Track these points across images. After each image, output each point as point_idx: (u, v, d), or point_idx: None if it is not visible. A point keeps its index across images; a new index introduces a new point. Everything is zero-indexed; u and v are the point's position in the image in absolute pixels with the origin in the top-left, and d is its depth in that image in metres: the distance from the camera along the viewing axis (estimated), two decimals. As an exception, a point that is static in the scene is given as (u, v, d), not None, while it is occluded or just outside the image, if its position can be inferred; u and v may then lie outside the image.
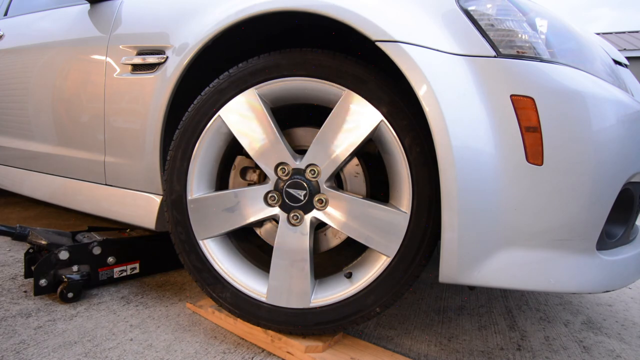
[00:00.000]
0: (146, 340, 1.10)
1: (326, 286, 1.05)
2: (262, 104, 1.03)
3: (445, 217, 0.83)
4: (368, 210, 0.97)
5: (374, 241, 0.96)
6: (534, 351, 1.16)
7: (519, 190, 0.81)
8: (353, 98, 0.95)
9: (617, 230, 0.98)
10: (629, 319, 1.43)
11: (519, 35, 0.85)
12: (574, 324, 1.36)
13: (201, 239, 1.10)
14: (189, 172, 1.10)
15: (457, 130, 0.81)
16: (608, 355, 1.16)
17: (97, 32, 1.41)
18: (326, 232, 1.18)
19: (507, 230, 0.83)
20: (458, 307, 1.45)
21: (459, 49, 0.85)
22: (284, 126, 1.13)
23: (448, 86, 0.82)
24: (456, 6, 0.88)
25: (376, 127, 0.94)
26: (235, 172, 1.22)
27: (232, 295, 1.09)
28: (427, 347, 1.15)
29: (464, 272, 0.84)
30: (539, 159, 0.80)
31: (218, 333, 1.16)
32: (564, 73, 0.83)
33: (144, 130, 1.21)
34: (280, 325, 1.05)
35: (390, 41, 0.86)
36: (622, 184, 0.85)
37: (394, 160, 0.96)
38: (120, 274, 1.48)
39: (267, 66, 1.02)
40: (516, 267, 0.83)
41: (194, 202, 1.10)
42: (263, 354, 1.07)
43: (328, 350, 1.03)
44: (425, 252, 0.93)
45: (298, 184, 1.02)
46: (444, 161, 0.82)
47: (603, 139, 0.81)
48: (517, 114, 0.80)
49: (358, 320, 1.00)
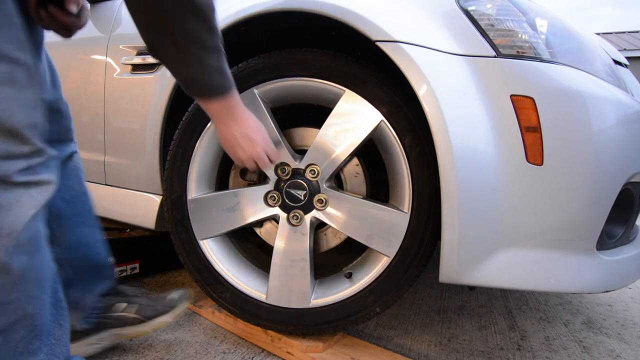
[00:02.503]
0: (146, 340, 1.10)
1: (326, 286, 1.05)
2: (262, 104, 1.03)
3: (446, 217, 0.83)
4: (368, 210, 0.97)
5: (374, 241, 0.96)
6: (534, 351, 1.16)
7: (519, 190, 0.81)
8: (353, 98, 0.95)
9: (617, 230, 0.98)
10: (629, 319, 1.43)
11: (519, 35, 0.85)
12: (574, 324, 1.36)
13: (201, 239, 1.10)
14: (189, 172, 1.10)
15: (457, 130, 0.81)
16: (608, 355, 1.16)
17: (97, 32, 1.41)
18: (326, 232, 1.18)
19: (507, 230, 0.83)
20: (458, 307, 1.45)
21: (459, 49, 0.85)
22: (284, 126, 1.13)
23: (448, 86, 0.82)
24: (456, 6, 0.88)
25: (376, 127, 0.94)
26: (235, 172, 1.22)
27: (232, 295, 1.09)
28: (427, 347, 1.15)
29: (464, 272, 0.84)
30: (539, 159, 0.80)
31: (218, 333, 1.16)
32: (564, 73, 0.83)
33: (143, 130, 1.21)
34: (280, 325, 1.05)
35: (390, 41, 0.86)
36: (622, 184, 0.85)
37: (394, 160, 0.96)
38: (120, 274, 1.47)
39: (267, 66, 1.02)
40: (516, 267, 0.83)
41: (194, 202, 1.10)
42: (263, 354, 1.07)
43: (328, 350, 1.03)
44: (425, 252, 0.93)
45: (298, 184, 1.02)
46: (444, 161, 0.82)
47: (603, 139, 0.81)
48: (517, 114, 0.80)
49: (358, 320, 1.00)
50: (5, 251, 0.61)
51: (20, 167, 0.62)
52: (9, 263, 0.62)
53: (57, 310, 0.75)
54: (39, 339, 0.70)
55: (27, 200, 0.63)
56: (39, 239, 0.68)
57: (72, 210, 0.95)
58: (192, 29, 0.64)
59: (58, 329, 0.75)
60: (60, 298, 0.76)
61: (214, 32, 0.67)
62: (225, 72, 0.73)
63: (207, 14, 0.64)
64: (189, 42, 0.66)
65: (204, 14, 0.64)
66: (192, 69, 0.69)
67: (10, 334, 0.65)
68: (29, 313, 0.67)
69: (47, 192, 0.68)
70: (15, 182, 0.62)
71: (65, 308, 0.77)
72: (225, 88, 0.76)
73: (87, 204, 0.99)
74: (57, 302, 0.75)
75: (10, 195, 0.61)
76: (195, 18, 0.64)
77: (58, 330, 0.75)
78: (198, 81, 0.72)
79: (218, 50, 0.70)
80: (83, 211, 0.98)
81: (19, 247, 0.63)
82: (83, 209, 0.98)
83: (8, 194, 0.61)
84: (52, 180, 0.69)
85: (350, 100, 0.96)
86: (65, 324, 0.77)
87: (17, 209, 0.62)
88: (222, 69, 0.72)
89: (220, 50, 0.71)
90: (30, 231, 0.64)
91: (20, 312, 0.66)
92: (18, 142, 0.62)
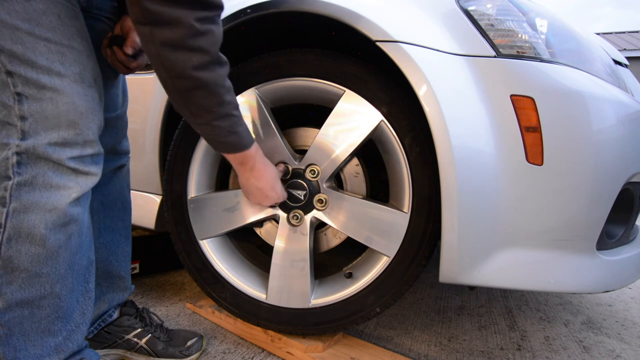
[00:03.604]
0: (146, 340, 1.10)
1: (326, 286, 1.05)
2: (262, 103, 1.03)
3: (445, 217, 0.83)
4: (368, 210, 0.97)
5: (374, 241, 0.96)
6: (534, 351, 1.16)
7: (519, 190, 0.81)
8: (353, 98, 0.95)
9: (617, 230, 0.98)
10: (629, 319, 1.43)
11: (519, 35, 0.85)
12: (574, 324, 1.36)
13: (201, 239, 1.10)
14: (189, 172, 1.10)
15: (457, 130, 0.81)
16: (608, 355, 1.16)
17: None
18: (326, 232, 1.18)
19: (507, 230, 0.83)
20: (458, 307, 1.45)
21: (459, 49, 0.85)
22: (284, 126, 1.13)
23: (448, 86, 0.82)
24: (456, 6, 0.88)
25: (376, 127, 0.94)
26: (235, 172, 1.22)
27: (232, 295, 1.09)
28: (427, 347, 1.15)
29: (464, 272, 0.84)
30: (539, 159, 0.80)
31: (218, 333, 1.16)
32: (564, 73, 0.83)
33: (143, 130, 1.21)
34: (280, 325, 1.05)
35: (390, 41, 0.86)
36: (622, 184, 0.85)
37: (394, 160, 0.96)
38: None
39: (267, 66, 1.02)
40: (516, 267, 0.83)
41: (194, 202, 1.10)
42: (263, 354, 1.07)
43: (328, 350, 1.03)
44: (425, 252, 0.93)
45: (298, 184, 1.02)
46: (444, 161, 0.82)
47: (603, 138, 0.81)
48: (517, 114, 0.80)
49: (358, 320, 1.00)
50: (45, 225, 0.69)
51: (73, 154, 0.71)
52: (46, 236, 0.69)
53: (85, 299, 0.81)
54: (62, 321, 0.75)
55: (74, 185, 0.72)
56: (80, 225, 0.75)
57: (106, 215, 0.99)
58: (203, 103, 0.75)
59: (81, 317, 0.80)
60: (90, 289, 0.82)
61: (224, 104, 0.77)
62: (238, 133, 0.82)
63: (215, 90, 0.74)
64: (202, 111, 0.76)
65: (213, 91, 0.74)
66: (207, 131, 0.80)
67: (38, 308, 0.71)
68: (56, 292, 0.73)
69: (91, 182, 0.76)
70: (67, 167, 0.71)
71: (92, 300, 0.83)
72: (239, 147, 0.85)
73: (124, 214, 1.03)
74: (86, 292, 0.81)
75: (60, 177, 0.70)
76: (206, 93, 0.74)
77: (80, 318, 0.80)
78: (212, 140, 0.83)
79: (230, 116, 0.79)
80: (117, 219, 1.01)
81: (59, 225, 0.71)
82: (118, 217, 1.01)
83: (59, 176, 0.70)
84: (98, 173, 0.77)
85: (350, 100, 0.95)
86: (88, 315, 0.82)
87: (64, 190, 0.71)
88: (235, 131, 0.82)
89: (233, 116, 0.80)
90: (71, 213, 0.72)
91: (48, 287, 0.72)
92: (76, 133, 0.71)
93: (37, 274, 0.70)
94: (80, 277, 0.78)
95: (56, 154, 0.69)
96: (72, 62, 0.70)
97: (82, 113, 0.71)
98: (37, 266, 0.70)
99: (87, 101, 0.72)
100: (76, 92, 0.70)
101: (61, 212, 0.70)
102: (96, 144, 0.75)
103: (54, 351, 0.74)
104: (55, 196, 0.70)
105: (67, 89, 0.69)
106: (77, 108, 0.70)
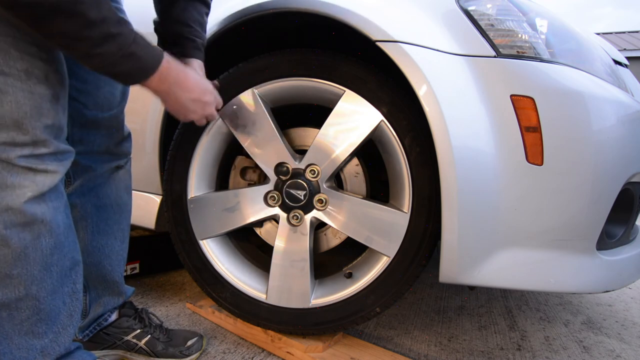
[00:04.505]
0: (146, 340, 1.10)
1: (326, 286, 1.05)
2: (262, 103, 1.03)
3: (445, 217, 0.83)
4: (368, 210, 0.97)
5: (374, 241, 0.96)
6: (534, 351, 1.16)
7: (519, 190, 0.81)
8: (353, 98, 0.95)
9: (617, 230, 0.98)
10: (629, 319, 1.43)
11: (519, 35, 0.85)
12: (574, 324, 1.36)
13: (201, 239, 1.10)
14: (189, 172, 1.10)
15: (457, 130, 0.81)
16: (608, 355, 1.16)
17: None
18: (326, 232, 1.18)
19: (507, 230, 0.83)
20: (458, 307, 1.45)
21: (459, 49, 0.85)
22: (284, 126, 1.13)
23: (448, 86, 0.82)
24: (456, 6, 0.88)
25: (376, 127, 0.94)
26: (235, 172, 1.22)
27: (232, 295, 1.09)
28: (427, 347, 1.15)
29: (464, 272, 0.84)
30: (539, 159, 0.80)
31: (218, 333, 1.16)
32: (564, 73, 0.83)
33: (143, 130, 1.21)
34: (280, 325, 1.05)
35: (390, 41, 0.86)
36: (622, 184, 0.85)
37: (394, 160, 0.96)
38: (120, 274, 1.47)
39: (267, 66, 1.02)
40: (516, 267, 0.83)
41: (194, 202, 1.10)
42: (263, 354, 1.07)
43: (328, 350, 1.03)
44: (425, 252, 0.93)
45: (298, 184, 1.02)
46: (444, 161, 0.82)
47: (603, 139, 0.81)
48: (517, 114, 0.80)
49: (358, 320, 1.00)
50: (4, 225, 0.67)
51: (24, 153, 0.68)
52: (8, 236, 0.67)
53: (73, 301, 0.79)
54: (45, 323, 0.73)
55: (29, 183, 0.69)
56: (50, 226, 0.72)
57: (100, 217, 0.96)
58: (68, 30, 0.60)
59: (67, 319, 0.78)
60: (77, 290, 0.80)
61: (94, 23, 0.61)
62: (135, 54, 0.66)
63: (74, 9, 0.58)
64: (73, 41, 0.62)
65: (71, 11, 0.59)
66: (97, 64, 0.66)
67: (15, 310, 0.70)
68: (33, 293, 0.71)
69: (52, 180, 0.72)
70: (19, 166, 0.67)
71: (80, 301, 0.81)
72: (144, 72, 0.70)
73: (120, 217, 1.00)
74: (73, 293, 0.79)
75: (12, 176, 0.67)
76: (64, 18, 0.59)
77: (67, 319, 0.78)
78: (113, 74, 0.69)
79: (111, 37, 0.63)
80: (112, 222, 0.98)
81: (19, 225, 0.68)
82: (113, 220, 0.98)
83: (11, 175, 0.67)
84: (60, 170, 0.73)
85: (350, 100, 0.95)
86: (76, 316, 0.80)
87: (19, 189, 0.68)
88: (129, 54, 0.66)
89: (116, 35, 0.64)
90: (31, 212, 0.69)
91: (22, 289, 0.70)
92: (22, 133, 0.67)
93: (7, 275, 0.68)
94: (63, 279, 0.76)
95: (5, 153, 0.66)
96: (17, 58, 0.65)
97: (26, 112, 0.66)
98: (5, 267, 0.68)
99: (32, 99, 0.67)
100: (20, 90, 0.66)
101: (17, 211, 0.67)
102: (50, 142, 0.70)
103: (39, 354, 0.73)
104: (9, 196, 0.67)
105: (10, 88, 0.65)
106: (21, 107, 0.66)
